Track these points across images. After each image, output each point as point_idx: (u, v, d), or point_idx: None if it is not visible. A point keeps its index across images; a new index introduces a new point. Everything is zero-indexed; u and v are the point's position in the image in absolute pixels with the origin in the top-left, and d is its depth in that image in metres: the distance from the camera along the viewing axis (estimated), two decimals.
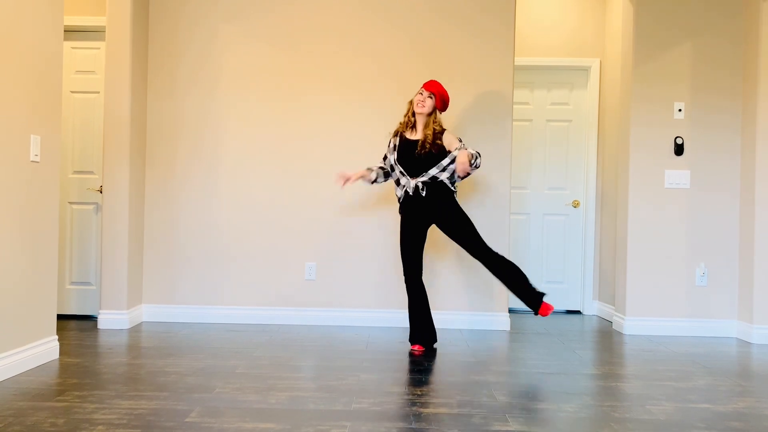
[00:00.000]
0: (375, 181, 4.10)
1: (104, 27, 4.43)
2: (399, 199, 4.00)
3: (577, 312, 5.56)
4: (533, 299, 3.83)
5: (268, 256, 4.67)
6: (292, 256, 4.67)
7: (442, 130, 3.91)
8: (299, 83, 4.66)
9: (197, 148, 4.67)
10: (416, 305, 3.96)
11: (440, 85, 3.94)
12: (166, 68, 4.67)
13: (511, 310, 4.92)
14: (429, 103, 3.90)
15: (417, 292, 3.96)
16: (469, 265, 4.55)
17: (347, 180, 4.04)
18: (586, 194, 5.53)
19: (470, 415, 2.68)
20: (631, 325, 4.59)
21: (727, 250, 4.58)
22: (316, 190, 4.67)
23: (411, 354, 3.80)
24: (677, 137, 4.57)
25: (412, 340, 3.97)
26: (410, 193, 3.89)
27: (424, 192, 3.85)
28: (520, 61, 5.29)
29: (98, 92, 4.68)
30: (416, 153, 3.85)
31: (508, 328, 4.62)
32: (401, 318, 4.59)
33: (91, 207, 4.72)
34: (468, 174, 3.78)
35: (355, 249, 4.66)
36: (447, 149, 3.87)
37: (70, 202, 4.72)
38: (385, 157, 4.08)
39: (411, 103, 3.98)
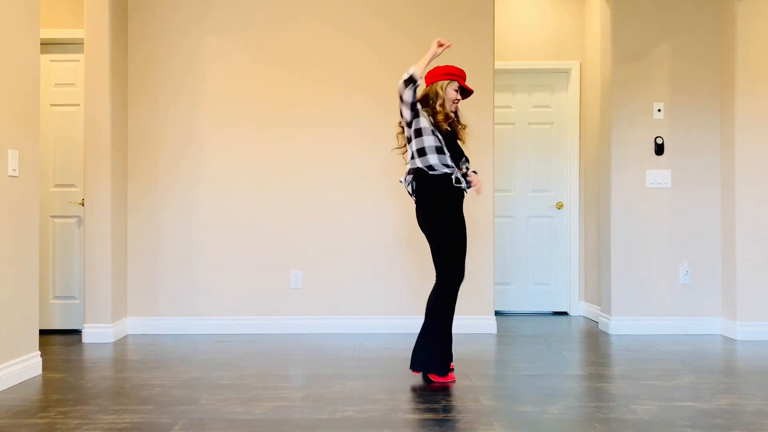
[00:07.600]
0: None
1: (83, 39, 4.41)
2: (457, 182, 3.33)
3: (564, 313, 5.59)
4: (445, 361, 3.31)
5: (253, 266, 4.66)
6: (278, 264, 4.66)
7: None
8: (282, 97, 4.66)
9: (180, 160, 4.66)
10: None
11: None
12: (147, 81, 4.66)
13: (497, 313, 4.93)
14: None
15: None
16: None
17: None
18: (570, 196, 5.56)
19: (456, 419, 2.68)
20: (617, 325, 4.61)
21: (710, 248, 4.62)
22: (300, 199, 4.66)
23: (394, 359, 3.78)
24: (657, 137, 4.61)
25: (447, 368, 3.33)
26: (458, 185, 3.34)
27: (465, 185, 3.39)
28: (500, 64, 5.32)
29: (78, 105, 4.66)
30: (456, 142, 3.45)
31: (494, 331, 4.62)
32: (388, 324, 4.59)
33: (73, 220, 4.69)
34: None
35: (341, 257, 4.66)
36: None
37: (53, 216, 4.68)
38: (409, 140, 3.32)
39: (442, 95, 3.40)
